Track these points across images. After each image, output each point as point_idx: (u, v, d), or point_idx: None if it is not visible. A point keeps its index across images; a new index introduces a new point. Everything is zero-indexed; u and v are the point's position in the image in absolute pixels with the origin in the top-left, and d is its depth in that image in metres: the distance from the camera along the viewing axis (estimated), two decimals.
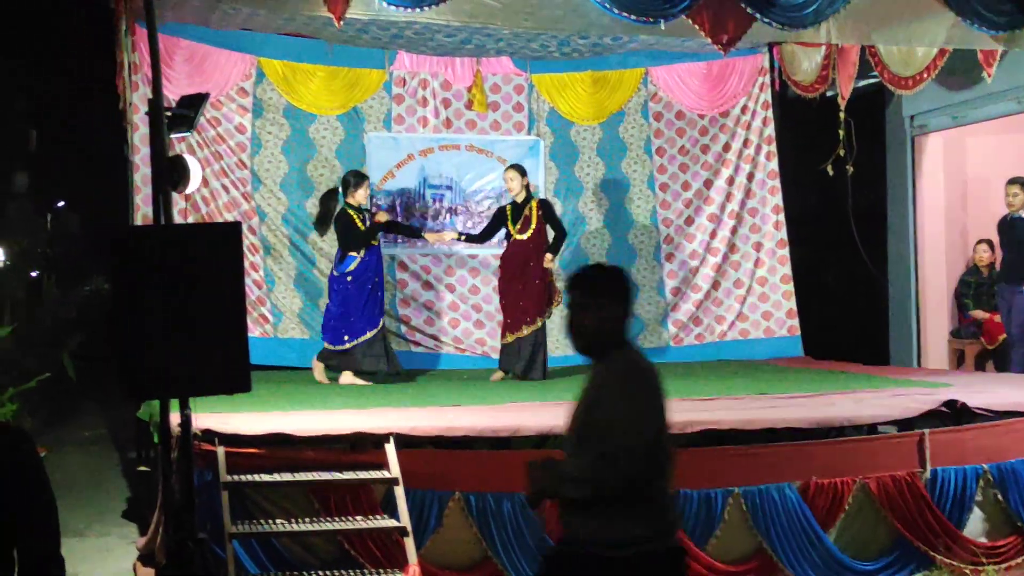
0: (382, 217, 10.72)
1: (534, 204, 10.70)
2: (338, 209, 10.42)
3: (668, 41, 11.79)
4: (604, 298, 4.42)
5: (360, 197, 10.43)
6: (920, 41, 10.23)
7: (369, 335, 10.28)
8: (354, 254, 10.29)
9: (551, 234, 10.70)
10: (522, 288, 10.59)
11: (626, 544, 4.22)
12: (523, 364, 10.50)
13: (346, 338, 10.25)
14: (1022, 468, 7.78)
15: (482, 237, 11.10)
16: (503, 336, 10.75)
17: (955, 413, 7.94)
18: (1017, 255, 10.84)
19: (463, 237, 11.25)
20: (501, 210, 10.92)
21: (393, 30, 11.23)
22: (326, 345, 10.39)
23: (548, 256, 10.63)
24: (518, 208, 10.68)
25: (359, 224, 10.33)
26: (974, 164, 12.99)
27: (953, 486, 7.62)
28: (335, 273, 10.41)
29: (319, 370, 10.38)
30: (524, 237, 10.59)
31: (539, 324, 10.54)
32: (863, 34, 10.20)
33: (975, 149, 12.97)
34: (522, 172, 10.78)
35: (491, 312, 12.23)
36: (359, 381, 10.18)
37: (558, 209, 12.49)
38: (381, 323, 10.41)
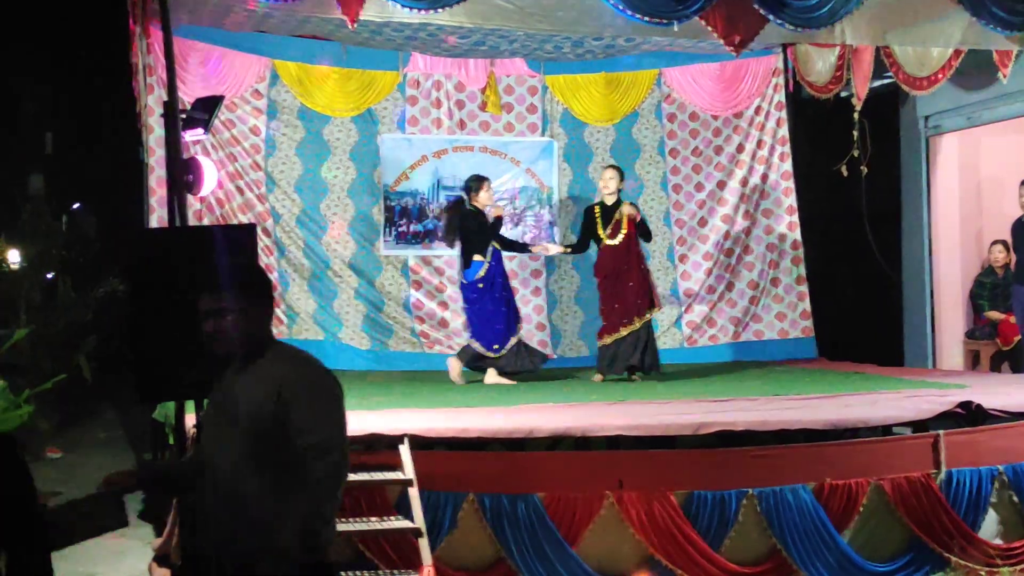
0: (500, 212, 10.80)
1: (623, 207, 10.55)
2: (462, 212, 10.50)
3: (681, 42, 11.79)
4: (254, 299, 4.32)
5: (483, 199, 10.47)
6: (935, 41, 10.21)
7: (515, 339, 10.41)
8: (480, 259, 10.35)
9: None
10: (619, 291, 10.51)
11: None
12: (634, 359, 10.39)
13: (496, 347, 10.33)
14: None
15: (581, 246, 10.98)
16: (600, 338, 10.65)
17: (970, 414, 7.92)
18: None
19: (569, 249, 11.23)
20: (589, 212, 10.78)
21: (407, 32, 11.25)
22: (476, 347, 10.41)
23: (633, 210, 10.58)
24: (608, 211, 10.58)
25: (486, 225, 10.47)
26: (989, 165, 12.95)
27: (968, 487, 7.60)
28: (464, 282, 10.51)
29: (455, 370, 10.41)
30: (615, 243, 10.52)
31: (637, 324, 10.40)
32: (877, 35, 10.18)
33: (990, 150, 12.93)
34: (622, 174, 10.76)
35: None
36: (504, 380, 10.25)
37: (570, 211, 12.54)
38: (521, 324, 10.63)
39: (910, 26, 9.91)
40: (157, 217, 10.54)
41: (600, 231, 10.57)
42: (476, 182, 10.51)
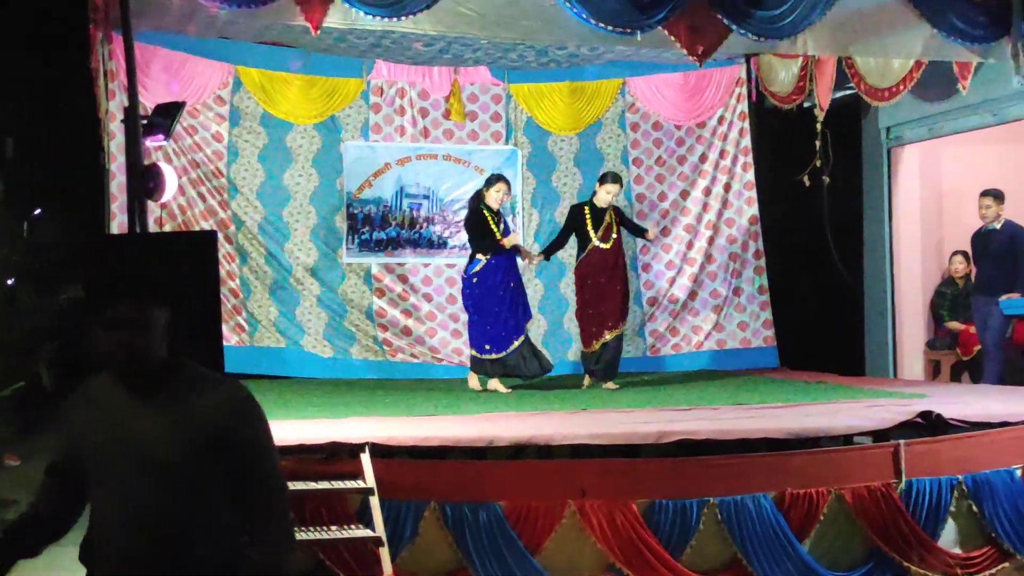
0: (507, 243, 10.26)
1: (611, 211, 10.57)
2: (471, 208, 10.43)
3: (645, 52, 11.81)
4: (155, 309, 3.82)
5: (491, 199, 10.23)
6: (897, 53, 10.28)
7: (515, 345, 10.22)
8: (480, 257, 10.23)
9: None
10: (605, 295, 10.49)
11: None
12: (602, 368, 10.53)
13: (488, 347, 10.20)
14: (996, 479, 7.78)
15: (559, 244, 10.86)
16: (588, 344, 10.60)
17: (930, 424, 7.95)
18: (991, 267, 10.89)
19: (543, 257, 10.97)
20: (578, 209, 10.67)
21: (370, 39, 11.22)
22: (472, 352, 10.38)
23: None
24: (598, 214, 10.52)
25: (492, 226, 10.22)
26: (950, 176, 13.04)
27: (928, 497, 7.63)
28: (463, 275, 10.46)
29: (473, 380, 10.34)
30: (607, 246, 10.50)
31: (621, 330, 10.55)
32: (840, 46, 10.24)
33: (951, 161, 13.02)
34: (622, 184, 10.75)
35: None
36: (502, 388, 10.17)
37: (534, 220, 12.55)
38: (525, 333, 10.35)
39: (872, 37, 9.95)
40: (118, 223, 10.48)
41: (591, 232, 10.49)
42: (487, 181, 10.37)
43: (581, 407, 8.95)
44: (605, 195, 10.49)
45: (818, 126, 11.73)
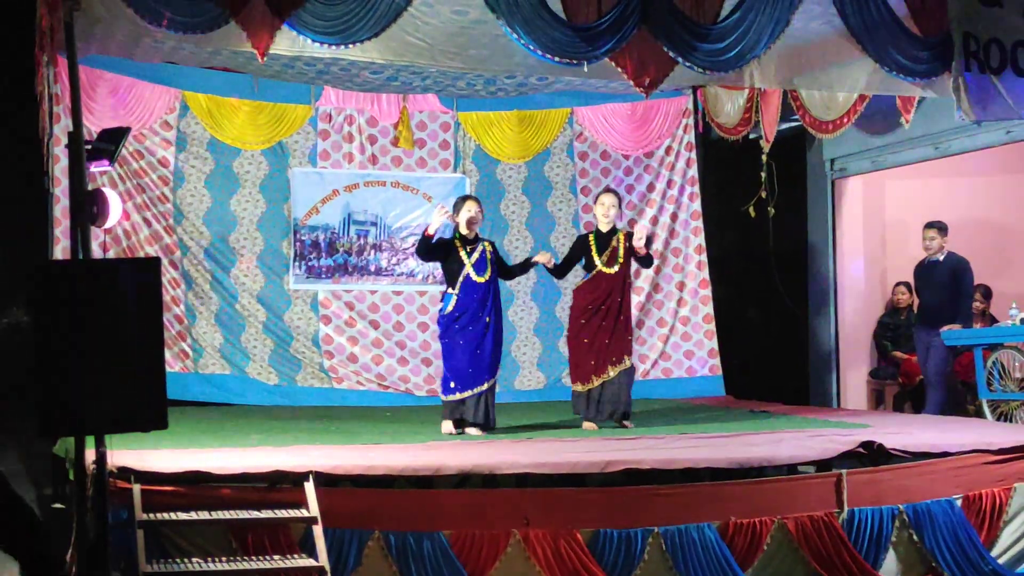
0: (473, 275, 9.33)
1: (621, 236, 9.70)
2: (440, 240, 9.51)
3: (593, 82, 11.87)
4: None
5: (463, 221, 9.35)
6: (841, 86, 10.39)
7: (484, 387, 9.24)
8: (450, 291, 9.33)
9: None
10: (607, 325, 9.56)
11: None
12: (615, 407, 9.56)
13: (453, 384, 9.21)
14: (937, 509, 7.86)
15: (562, 272, 10.03)
16: (584, 382, 9.61)
17: (872, 454, 8.01)
18: (934, 299, 11.00)
19: (552, 268, 9.93)
20: (583, 240, 9.81)
21: (319, 66, 11.18)
22: (442, 398, 9.44)
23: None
24: (603, 238, 9.68)
25: (460, 252, 9.32)
26: (893, 207, 13.20)
27: (870, 526, 7.68)
28: (439, 316, 9.56)
29: (446, 426, 9.27)
30: (612, 271, 9.60)
31: (627, 364, 9.63)
32: (785, 79, 10.35)
33: (894, 193, 13.19)
34: (621, 200, 10.04)
35: (415, 349, 12.23)
36: (453, 430, 9.20)
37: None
38: (494, 379, 9.35)
39: (817, 71, 10.08)
40: (62, 248, 10.41)
41: (596, 257, 9.62)
42: (455, 206, 9.50)
43: (525, 436, 8.95)
44: (599, 209, 9.73)
45: (764, 157, 11.83)
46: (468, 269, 9.28)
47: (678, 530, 7.29)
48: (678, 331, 12.90)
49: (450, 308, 9.28)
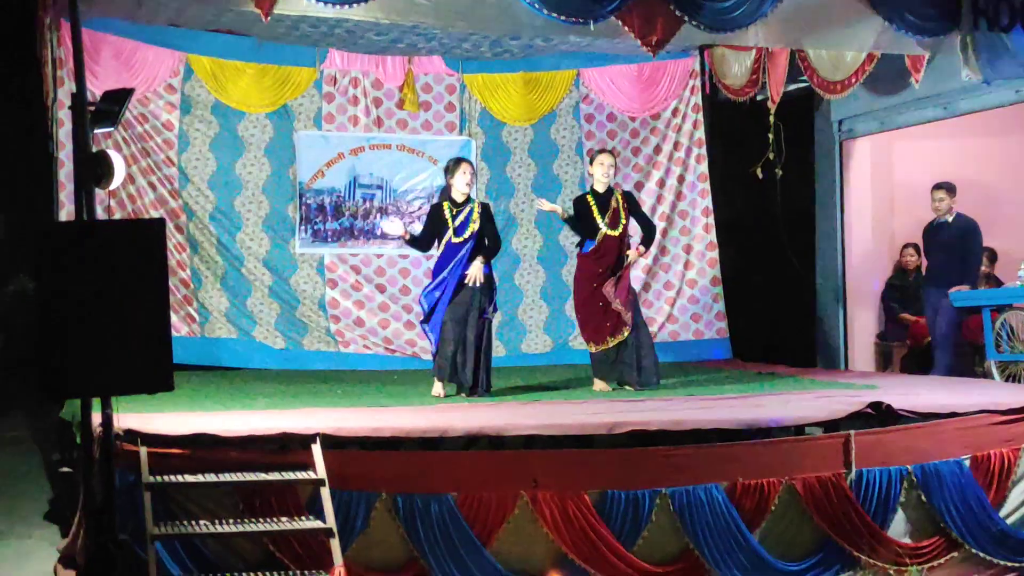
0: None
1: (619, 196, 9.73)
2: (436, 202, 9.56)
3: (599, 43, 11.82)
4: None
5: (456, 186, 9.30)
6: (849, 46, 10.32)
7: (454, 338, 9.19)
8: (434, 253, 9.40)
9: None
10: (615, 288, 9.58)
11: None
12: (636, 372, 9.61)
13: (431, 335, 9.35)
14: (945, 469, 7.85)
15: (574, 227, 9.84)
16: (599, 343, 9.65)
17: (880, 415, 8.00)
18: (942, 260, 10.96)
19: (566, 216, 9.77)
20: (583, 202, 9.71)
21: (323, 28, 11.16)
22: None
23: (639, 248, 9.78)
24: (602, 199, 9.63)
25: (447, 218, 9.28)
26: (901, 169, 13.13)
27: (878, 487, 7.68)
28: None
29: (436, 387, 9.30)
30: (616, 233, 9.59)
31: (637, 322, 9.69)
32: (792, 38, 10.27)
33: (902, 154, 13.11)
34: (615, 157, 10.04)
35: (422, 313, 12.20)
36: (442, 392, 9.24)
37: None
38: (476, 332, 9.24)
39: (824, 30, 9.99)
40: (67, 212, 10.38)
41: (598, 219, 9.60)
42: (448, 169, 9.43)
43: (533, 398, 8.95)
44: (598, 169, 9.67)
45: (771, 119, 11.76)
46: (450, 233, 9.32)
47: (686, 491, 7.29)
48: (685, 294, 12.88)
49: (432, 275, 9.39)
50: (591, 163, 9.93)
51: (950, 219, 10.98)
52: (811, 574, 7.57)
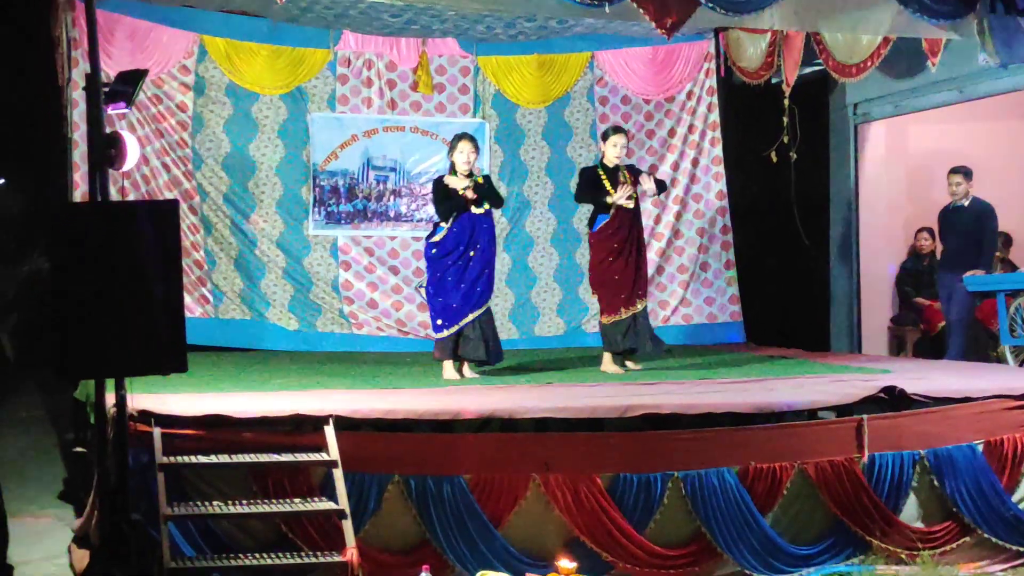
0: (469, 194, 9.25)
1: (624, 171, 9.79)
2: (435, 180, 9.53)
3: (614, 25, 11.79)
4: None
5: (458, 161, 9.30)
6: (865, 29, 10.27)
7: (470, 318, 9.20)
8: (443, 224, 9.28)
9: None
10: (634, 260, 9.72)
11: None
12: (647, 341, 9.80)
13: (440, 322, 9.26)
14: (958, 454, 7.84)
15: (599, 205, 9.81)
16: (614, 313, 9.70)
17: (893, 399, 7.99)
18: (958, 244, 10.93)
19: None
20: (592, 171, 9.85)
21: (338, 9, 11.15)
22: (433, 338, 9.47)
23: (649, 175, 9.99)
24: (612, 174, 9.72)
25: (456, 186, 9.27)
26: (916, 152, 13.09)
27: (890, 471, 7.67)
28: (426, 243, 9.54)
29: (446, 368, 9.29)
30: (630, 205, 9.69)
31: (647, 300, 9.94)
32: (808, 21, 10.21)
33: (917, 138, 13.08)
34: (627, 134, 10.15)
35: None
36: (455, 375, 9.20)
37: (501, 193, 12.50)
38: (485, 307, 9.29)
39: (840, 13, 9.94)
40: (81, 193, 10.42)
41: (613, 193, 9.65)
42: (451, 147, 9.43)
43: (547, 380, 8.96)
44: (612, 149, 9.73)
45: (785, 102, 11.72)
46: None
47: (698, 475, 7.30)
48: (699, 277, 12.86)
49: (438, 238, 9.25)
50: (603, 140, 9.95)
51: (966, 203, 10.94)
52: (823, 558, 7.57)
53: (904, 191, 13.11)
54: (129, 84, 6.47)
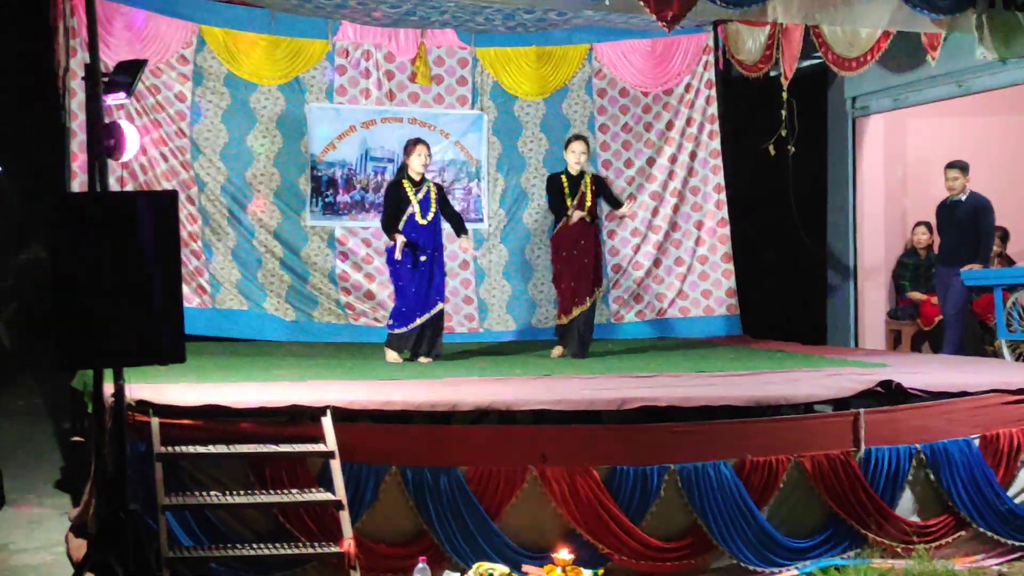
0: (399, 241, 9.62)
1: (588, 179, 10.34)
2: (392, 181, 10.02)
3: (613, 17, 11.77)
4: None
5: (413, 165, 9.84)
6: (864, 22, 10.25)
7: (420, 321, 9.85)
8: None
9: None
10: (578, 268, 10.26)
11: None
12: (577, 345, 10.29)
13: (391, 322, 9.96)
14: (954, 448, 7.85)
15: (559, 215, 10.40)
16: (563, 314, 10.37)
17: (890, 393, 8.00)
18: (955, 238, 10.94)
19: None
20: (556, 179, 10.37)
21: (337, 0, 11.13)
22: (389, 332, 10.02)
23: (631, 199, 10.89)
24: (574, 181, 10.28)
25: (410, 196, 9.83)
26: (914, 146, 13.10)
27: (886, 465, 7.69)
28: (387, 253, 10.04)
29: (390, 355, 9.92)
30: (582, 213, 10.23)
31: (588, 305, 10.28)
32: (808, 14, 10.20)
33: (916, 132, 13.08)
34: (588, 144, 10.55)
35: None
36: (398, 359, 9.83)
37: (499, 185, 12.50)
38: (437, 308, 9.89)
39: (840, 6, 9.93)
40: (79, 182, 10.40)
41: (568, 200, 10.23)
42: (406, 150, 9.98)
43: (544, 372, 8.97)
44: (571, 156, 10.27)
45: (783, 95, 11.71)
46: (414, 208, 9.81)
47: (694, 467, 7.31)
48: (696, 270, 12.86)
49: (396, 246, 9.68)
50: (565, 148, 10.45)
51: (963, 198, 10.94)
52: (818, 551, 7.59)
53: (901, 185, 13.13)
54: (128, 74, 6.47)
